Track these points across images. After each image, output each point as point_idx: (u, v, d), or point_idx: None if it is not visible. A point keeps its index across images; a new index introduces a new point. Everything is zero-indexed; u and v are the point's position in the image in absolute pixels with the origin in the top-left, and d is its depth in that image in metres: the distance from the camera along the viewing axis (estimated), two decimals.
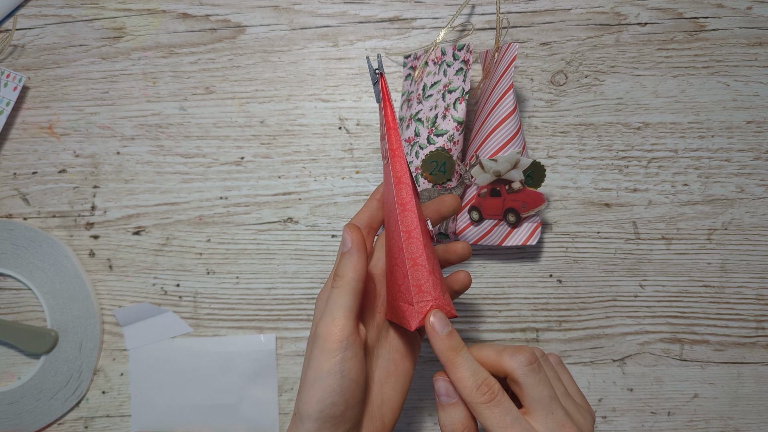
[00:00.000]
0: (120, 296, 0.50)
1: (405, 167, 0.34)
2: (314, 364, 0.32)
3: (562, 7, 0.49)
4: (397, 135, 0.34)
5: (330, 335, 0.32)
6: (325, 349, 0.32)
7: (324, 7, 0.50)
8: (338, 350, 0.32)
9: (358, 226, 0.35)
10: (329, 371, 0.31)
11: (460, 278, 0.39)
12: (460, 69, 0.45)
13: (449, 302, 0.34)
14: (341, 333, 0.32)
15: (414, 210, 0.34)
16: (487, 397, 0.31)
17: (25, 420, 0.49)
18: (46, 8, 0.50)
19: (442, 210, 0.39)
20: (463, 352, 0.33)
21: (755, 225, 0.49)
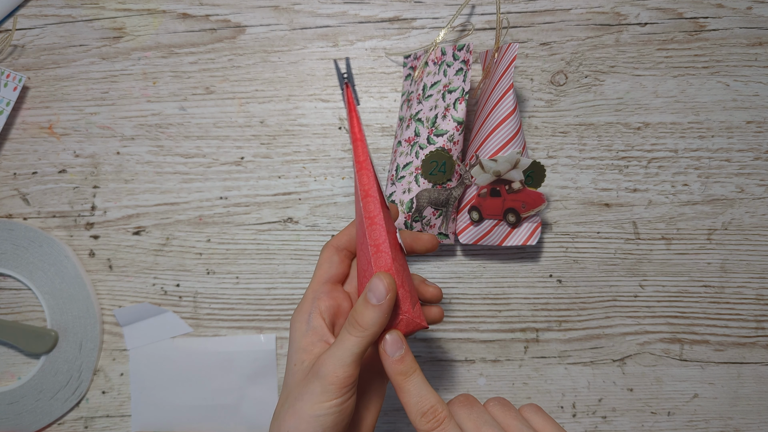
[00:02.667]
0: (120, 296, 0.50)
1: (373, 180, 0.33)
2: (312, 400, 0.32)
3: (562, 7, 0.49)
4: (363, 146, 0.33)
5: (338, 380, 0.31)
6: (329, 391, 0.31)
7: (324, 7, 0.50)
8: (342, 393, 0.31)
9: (393, 282, 0.33)
10: (329, 410, 0.31)
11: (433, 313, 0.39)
12: (460, 69, 0.45)
13: (419, 314, 0.34)
14: (349, 379, 0.32)
15: (382, 224, 0.33)
16: (431, 425, 0.31)
17: (25, 420, 0.49)
18: (46, 8, 0.50)
19: (416, 247, 0.38)
20: (412, 378, 0.32)
21: (755, 225, 0.49)
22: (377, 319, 0.32)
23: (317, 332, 0.35)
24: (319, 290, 0.36)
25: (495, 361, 0.50)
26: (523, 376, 0.50)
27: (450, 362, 0.50)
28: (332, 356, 0.32)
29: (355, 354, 0.32)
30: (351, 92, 0.34)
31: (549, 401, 0.49)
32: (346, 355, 0.32)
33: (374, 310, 0.32)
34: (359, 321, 0.32)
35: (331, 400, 0.31)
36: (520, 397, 0.49)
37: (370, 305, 0.32)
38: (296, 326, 0.35)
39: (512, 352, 0.50)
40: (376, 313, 0.32)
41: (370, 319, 0.32)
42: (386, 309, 0.32)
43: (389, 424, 0.50)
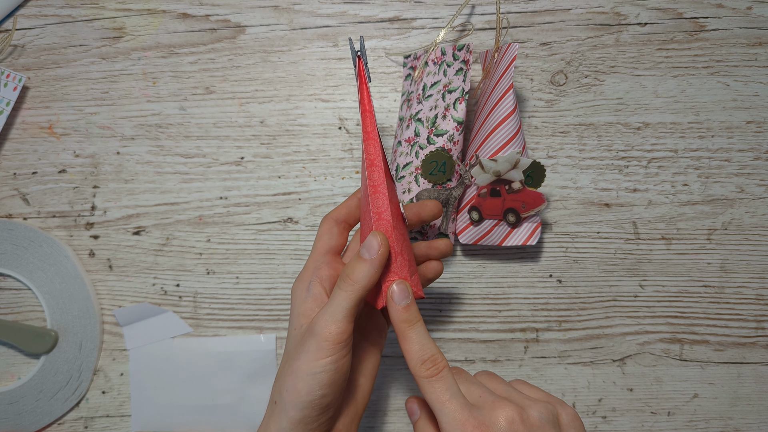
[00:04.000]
0: (120, 296, 0.50)
1: (378, 150, 0.34)
2: (308, 358, 0.32)
3: (562, 7, 0.49)
4: (371, 118, 0.34)
5: (330, 335, 0.32)
6: (323, 348, 0.32)
7: (324, 7, 0.50)
8: (336, 350, 0.32)
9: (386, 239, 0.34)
10: (324, 368, 0.32)
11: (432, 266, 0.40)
12: (460, 69, 0.45)
13: (417, 284, 0.35)
14: (342, 335, 0.32)
15: (385, 192, 0.34)
16: (430, 372, 0.32)
17: (25, 420, 0.49)
18: (46, 8, 0.50)
19: (422, 214, 0.39)
20: (416, 326, 0.33)
21: (755, 225, 0.49)
22: (367, 273, 0.33)
23: (316, 299, 0.35)
24: (319, 260, 0.37)
25: (495, 361, 0.50)
26: (523, 376, 0.49)
27: (450, 362, 0.50)
28: (325, 313, 0.33)
29: (346, 309, 0.32)
30: (363, 66, 0.35)
31: None
32: (337, 310, 0.32)
33: (365, 264, 0.33)
34: (350, 275, 0.33)
35: (325, 357, 0.32)
36: None
37: (362, 260, 0.33)
38: (297, 293, 0.36)
39: (512, 352, 0.50)
40: (367, 267, 0.33)
41: (360, 273, 0.33)
42: (377, 263, 0.33)
43: (389, 425, 0.50)
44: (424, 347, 0.32)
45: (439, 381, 0.31)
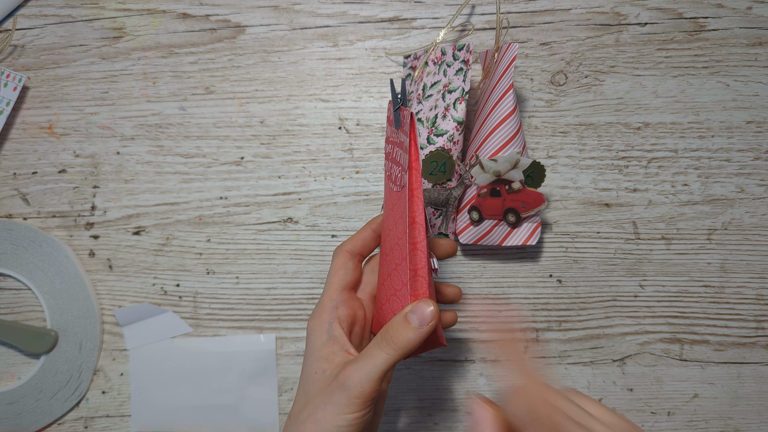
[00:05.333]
0: (120, 296, 0.50)
1: (422, 208, 0.33)
2: (336, 411, 0.32)
3: (562, 7, 0.49)
4: (418, 175, 0.34)
5: (364, 394, 0.32)
6: (354, 404, 0.32)
7: (324, 7, 0.50)
8: (366, 406, 0.32)
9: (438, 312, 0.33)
10: (352, 422, 0.32)
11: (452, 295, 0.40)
12: (460, 69, 0.45)
13: (440, 332, 0.35)
14: (374, 393, 0.32)
15: (424, 250, 0.34)
16: None
17: (25, 420, 0.49)
18: (46, 8, 0.50)
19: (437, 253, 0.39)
20: None
21: (755, 225, 0.49)
22: (413, 341, 0.32)
23: (338, 342, 0.34)
24: (337, 298, 0.36)
25: (495, 361, 0.50)
26: None
27: (450, 362, 0.50)
28: (360, 370, 0.32)
29: (383, 370, 0.32)
30: (414, 121, 0.34)
31: None
32: (375, 371, 0.32)
33: (413, 332, 0.32)
34: (395, 339, 0.32)
35: (354, 413, 0.31)
36: None
37: (411, 326, 0.32)
38: (316, 334, 0.35)
39: None
40: (414, 335, 0.32)
41: (406, 340, 0.32)
42: (425, 334, 0.32)
43: (389, 425, 0.50)
44: None
45: None
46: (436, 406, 0.50)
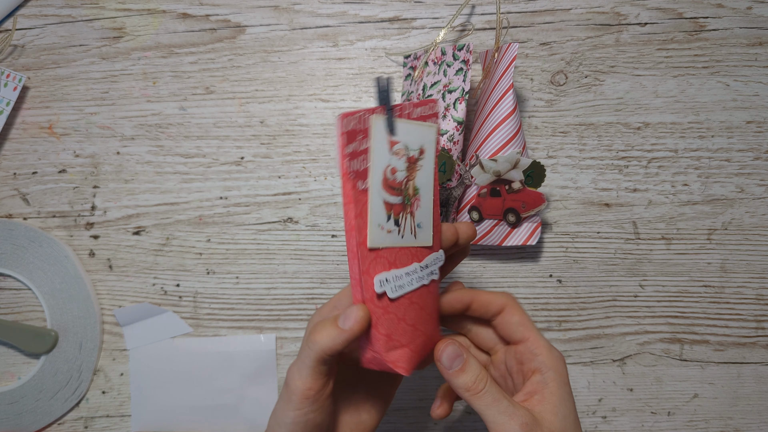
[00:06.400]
0: (120, 296, 0.50)
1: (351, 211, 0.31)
2: (280, 406, 0.32)
3: (562, 7, 0.49)
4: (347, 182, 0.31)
5: (297, 389, 0.31)
6: (291, 400, 0.31)
7: (324, 7, 0.50)
8: (304, 405, 0.31)
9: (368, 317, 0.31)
10: (292, 419, 0.31)
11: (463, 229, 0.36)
12: (460, 69, 0.45)
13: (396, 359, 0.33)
14: (309, 391, 0.31)
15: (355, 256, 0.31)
16: None
17: (25, 420, 0.49)
18: (46, 8, 0.50)
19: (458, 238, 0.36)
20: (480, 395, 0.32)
21: (755, 225, 0.49)
22: (333, 341, 0.31)
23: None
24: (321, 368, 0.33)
25: None
26: None
27: None
28: (293, 365, 0.32)
29: (308, 366, 0.31)
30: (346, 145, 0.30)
31: None
32: (303, 366, 0.31)
33: (336, 332, 0.31)
34: (315, 336, 0.31)
35: (294, 410, 0.31)
36: None
37: (335, 326, 0.31)
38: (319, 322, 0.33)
39: None
40: (335, 335, 0.31)
41: (327, 338, 0.31)
42: (347, 337, 0.31)
43: (390, 424, 0.50)
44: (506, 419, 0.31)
45: None
46: None
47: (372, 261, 0.32)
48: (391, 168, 0.32)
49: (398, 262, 0.33)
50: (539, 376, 0.34)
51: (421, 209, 0.34)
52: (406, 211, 0.33)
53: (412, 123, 0.33)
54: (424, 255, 0.34)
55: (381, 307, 0.32)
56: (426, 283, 0.34)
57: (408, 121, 0.33)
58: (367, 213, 0.32)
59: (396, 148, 0.33)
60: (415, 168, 0.33)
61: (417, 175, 0.33)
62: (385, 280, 0.33)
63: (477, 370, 0.33)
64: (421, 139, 0.33)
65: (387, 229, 0.33)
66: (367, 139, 0.31)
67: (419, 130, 0.33)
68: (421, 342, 0.33)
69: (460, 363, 0.33)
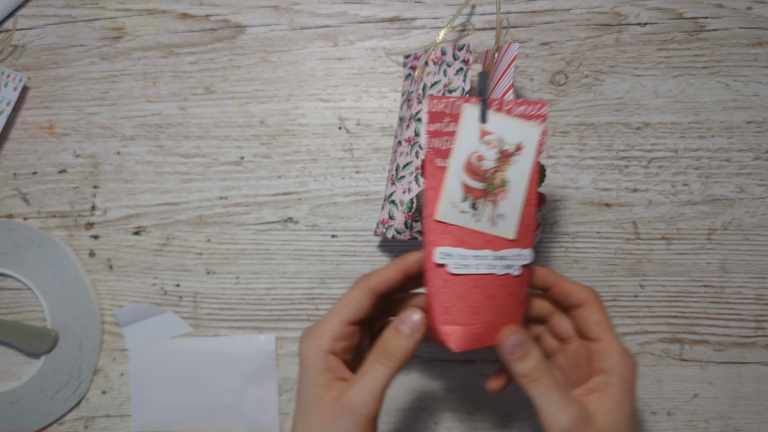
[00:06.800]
0: (120, 296, 0.50)
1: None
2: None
3: (562, 7, 0.49)
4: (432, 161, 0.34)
5: (369, 412, 0.32)
6: (361, 425, 0.32)
7: (324, 7, 0.50)
8: (373, 426, 0.32)
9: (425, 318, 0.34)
10: None
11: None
12: (460, 69, 0.45)
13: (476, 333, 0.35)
14: (378, 409, 0.32)
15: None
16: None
17: (25, 420, 0.49)
18: (46, 8, 0.50)
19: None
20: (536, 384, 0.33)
21: (755, 225, 0.49)
22: (408, 349, 0.33)
23: (334, 371, 0.34)
24: (340, 331, 0.35)
25: (495, 361, 0.50)
26: None
27: (450, 362, 0.50)
28: (364, 389, 0.32)
29: (385, 384, 0.32)
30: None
31: None
32: (378, 386, 0.32)
33: (407, 341, 0.33)
34: (392, 350, 0.33)
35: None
36: (519, 397, 0.49)
37: (404, 335, 0.33)
38: (311, 360, 0.34)
39: None
40: (408, 344, 0.33)
41: (402, 350, 0.33)
42: (418, 341, 0.33)
43: (390, 425, 0.50)
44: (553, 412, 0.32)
45: None
46: (436, 406, 0.50)
47: (439, 234, 0.35)
48: (477, 155, 0.35)
49: (468, 243, 0.35)
50: (604, 377, 0.35)
51: (508, 201, 0.35)
52: (487, 198, 0.35)
53: (511, 119, 0.35)
54: (503, 246, 0.35)
55: (441, 279, 0.34)
56: (498, 273, 0.35)
57: (506, 116, 0.35)
58: (440, 188, 0.35)
59: (488, 138, 0.35)
60: (507, 161, 0.35)
61: (509, 168, 0.35)
62: (448, 255, 0.35)
63: (536, 360, 0.34)
64: (519, 135, 0.35)
65: (460, 209, 0.35)
66: (454, 122, 0.34)
67: (519, 126, 0.35)
68: (482, 327, 0.35)
69: (521, 351, 0.34)
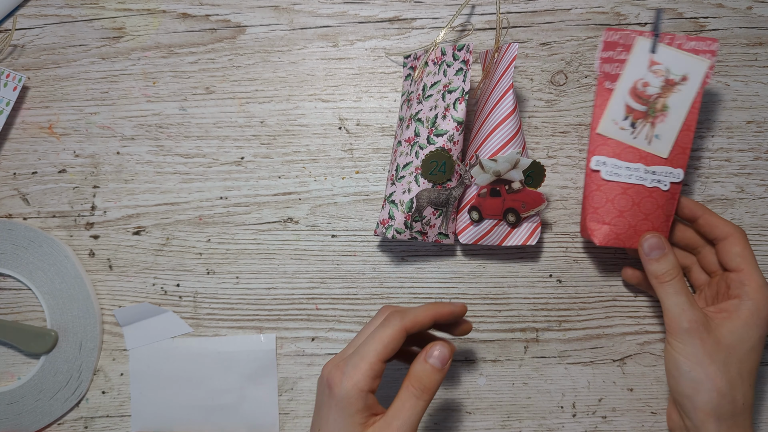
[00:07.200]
0: (120, 296, 0.50)
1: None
2: None
3: (562, 7, 0.49)
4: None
5: None
6: None
7: (324, 7, 0.50)
8: None
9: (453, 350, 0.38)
10: None
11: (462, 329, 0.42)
12: (459, 69, 0.45)
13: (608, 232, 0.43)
14: None
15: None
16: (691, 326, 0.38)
17: (25, 420, 0.49)
18: (46, 8, 0.50)
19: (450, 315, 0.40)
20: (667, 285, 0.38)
21: (755, 225, 0.49)
22: (440, 381, 0.36)
23: (371, 408, 0.35)
24: (378, 369, 0.36)
25: (495, 361, 0.50)
26: (523, 376, 0.50)
27: None
28: (404, 424, 0.34)
29: (420, 417, 0.35)
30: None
31: (549, 401, 0.49)
32: (415, 418, 0.34)
33: (440, 374, 0.36)
34: (428, 385, 0.35)
35: None
36: (519, 397, 0.49)
37: (436, 369, 0.36)
38: (351, 400, 0.35)
39: (512, 351, 0.50)
40: (440, 376, 0.36)
41: (436, 383, 0.36)
42: (446, 371, 0.36)
43: None
44: (679, 313, 0.37)
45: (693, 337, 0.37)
46: (436, 406, 0.50)
47: (599, 145, 0.42)
48: (643, 81, 0.41)
49: (623, 155, 0.42)
50: (737, 301, 0.39)
51: (666, 124, 0.41)
52: (647, 119, 0.41)
53: (681, 52, 0.41)
54: (655, 162, 0.42)
55: (594, 182, 0.43)
56: (647, 185, 0.42)
57: (676, 49, 0.40)
58: (605, 106, 0.42)
59: (655, 68, 0.41)
60: (671, 90, 0.41)
61: (672, 96, 0.41)
62: (602, 162, 0.42)
63: (670, 264, 0.39)
64: (686, 67, 0.41)
65: (620, 126, 0.42)
66: (626, 52, 0.41)
67: (687, 59, 0.41)
68: (625, 230, 0.42)
69: (658, 254, 0.39)
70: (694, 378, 0.38)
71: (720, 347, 0.38)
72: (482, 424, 0.49)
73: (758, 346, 0.39)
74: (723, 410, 0.38)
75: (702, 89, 0.41)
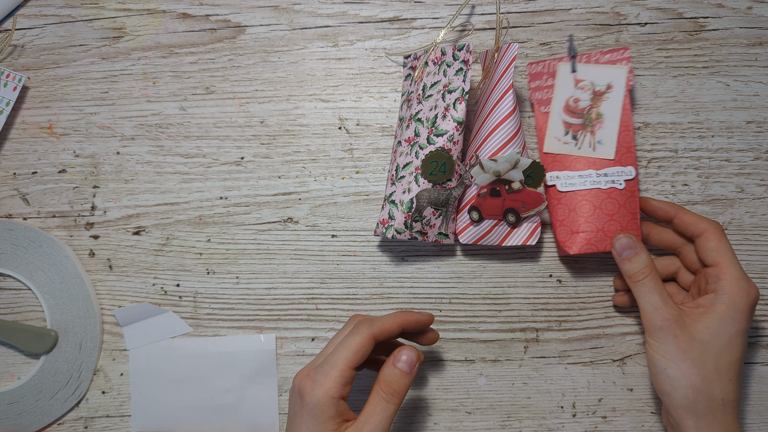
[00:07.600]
0: (120, 296, 0.50)
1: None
2: None
3: (562, 7, 0.49)
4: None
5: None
6: None
7: (324, 7, 0.50)
8: None
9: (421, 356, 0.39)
10: None
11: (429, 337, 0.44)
12: (459, 69, 0.45)
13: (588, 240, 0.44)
14: None
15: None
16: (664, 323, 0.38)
17: (25, 420, 0.49)
18: (46, 8, 0.50)
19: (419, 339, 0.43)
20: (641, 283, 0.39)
21: (755, 225, 0.49)
22: (409, 384, 0.37)
23: (343, 415, 0.36)
24: (348, 376, 0.36)
25: (495, 361, 0.50)
26: (523, 376, 0.50)
27: (450, 362, 0.50)
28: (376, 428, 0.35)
29: (392, 420, 0.36)
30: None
31: (549, 401, 0.49)
32: (386, 423, 0.35)
33: (408, 377, 0.37)
34: (397, 388, 0.36)
35: None
36: (519, 397, 0.49)
37: (405, 372, 0.37)
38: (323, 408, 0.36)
39: (512, 352, 0.50)
40: (409, 380, 0.37)
41: (405, 386, 0.37)
42: (414, 375, 0.37)
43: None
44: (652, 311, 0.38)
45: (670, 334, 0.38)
46: (436, 406, 0.50)
47: (549, 162, 0.46)
48: (574, 98, 0.45)
49: (573, 166, 0.45)
50: (713, 296, 0.39)
51: (604, 130, 0.45)
52: (585, 129, 0.45)
53: (599, 66, 0.45)
54: (604, 165, 0.45)
55: (554, 197, 0.45)
56: (602, 186, 0.44)
57: (594, 65, 0.44)
58: (545, 128, 0.46)
59: (581, 84, 0.44)
60: (600, 99, 0.44)
61: (602, 104, 0.45)
62: (556, 177, 0.45)
63: (643, 263, 0.40)
64: (608, 77, 0.45)
65: (563, 141, 0.46)
66: (551, 78, 0.45)
67: (606, 71, 0.45)
68: (595, 234, 0.44)
69: (630, 253, 0.40)
70: (669, 375, 0.39)
71: (694, 343, 0.38)
72: (482, 424, 0.49)
73: (736, 341, 0.38)
74: (700, 406, 0.38)
75: (628, 92, 0.45)
